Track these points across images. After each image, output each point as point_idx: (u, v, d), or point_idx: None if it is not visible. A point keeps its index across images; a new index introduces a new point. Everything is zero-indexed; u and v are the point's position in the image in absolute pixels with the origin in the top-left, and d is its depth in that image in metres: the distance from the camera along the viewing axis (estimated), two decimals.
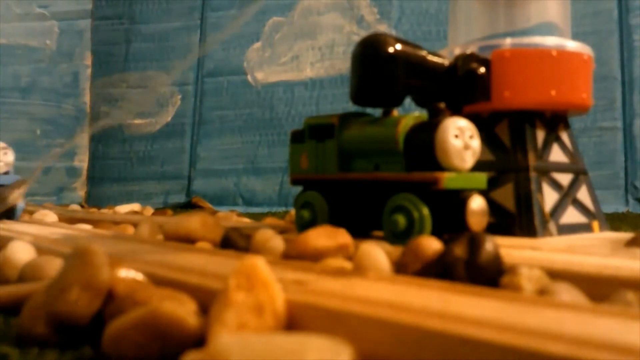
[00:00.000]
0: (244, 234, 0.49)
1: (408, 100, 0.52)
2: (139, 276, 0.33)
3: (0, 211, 0.71)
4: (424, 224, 0.46)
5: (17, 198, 0.70)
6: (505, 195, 0.55)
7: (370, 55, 0.50)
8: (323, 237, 0.41)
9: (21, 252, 0.43)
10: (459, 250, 0.34)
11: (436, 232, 0.45)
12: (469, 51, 0.54)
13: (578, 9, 1.29)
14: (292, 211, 0.64)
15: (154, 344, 0.25)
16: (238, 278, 0.26)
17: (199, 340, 0.25)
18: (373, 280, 0.31)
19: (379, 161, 0.52)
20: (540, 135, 0.57)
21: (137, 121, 1.78)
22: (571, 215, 0.56)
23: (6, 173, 0.76)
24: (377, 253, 0.37)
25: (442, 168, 0.47)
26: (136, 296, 0.29)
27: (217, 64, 1.74)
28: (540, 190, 0.54)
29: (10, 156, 0.77)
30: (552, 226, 0.54)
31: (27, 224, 0.71)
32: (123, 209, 1.16)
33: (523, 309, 0.24)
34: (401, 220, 0.47)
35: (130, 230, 0.68)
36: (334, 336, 0.21)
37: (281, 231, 0.55)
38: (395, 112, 0.53)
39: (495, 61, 0.54)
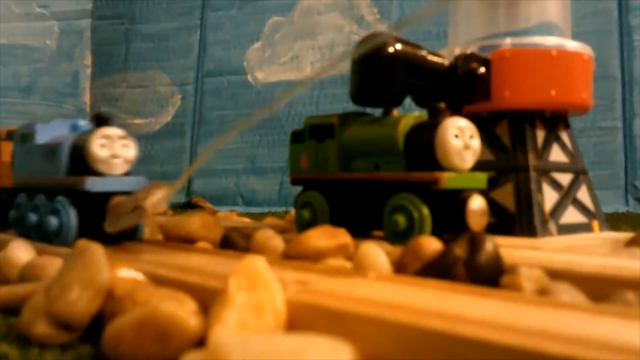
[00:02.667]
0: (244, 234, 0.49)
1: (408, 100, 0.52)
2: (139, 276, 0.33)
3: (123, 227, 0.46)
4: (424, 224, 0.46)
5: (159, 201, 0.45)
6: (505, 195, 0.55)
7: (370, 55, 0.50)
8: (323, 237, 0.41)
9: (21, 252, 0.43)
10: (459, 250, 0.34)
11: (436, 232, 0.45)
12: (469, 51, 0.54)
13: (578, 9, 1.29)
14: (292, 211, 0.64)
15: (153, 344, 0.25)
16: (238, 278, 0.26)
17: (199, 340, 0.25)
18: (373, 280, 0.31)
19: (379, 161, 0.52)
20: (540, 135, 0.57)
21: (137, 121, 1.78)
22: (571, 215, 0.56)
23: (126, 174, 0.51)
24: (377, 253, 0.37)
25: (442, 168, 0.47)
26: (136, 296, 0.29)
27: (217, 64, 1.74)
28: (540, 190, 0.54)
29: (131, 150, 0.51)
30: (552, 226, 0.54)
31: None
32: None
33: (523, 309, 0.24)
34: (401, 220, 0.47)
35: None
36: (334, 336, 0.21)
37: (281, 231, 0.55)
38: (395, 112, 0.53)
39: (495, 61, 0.54)
